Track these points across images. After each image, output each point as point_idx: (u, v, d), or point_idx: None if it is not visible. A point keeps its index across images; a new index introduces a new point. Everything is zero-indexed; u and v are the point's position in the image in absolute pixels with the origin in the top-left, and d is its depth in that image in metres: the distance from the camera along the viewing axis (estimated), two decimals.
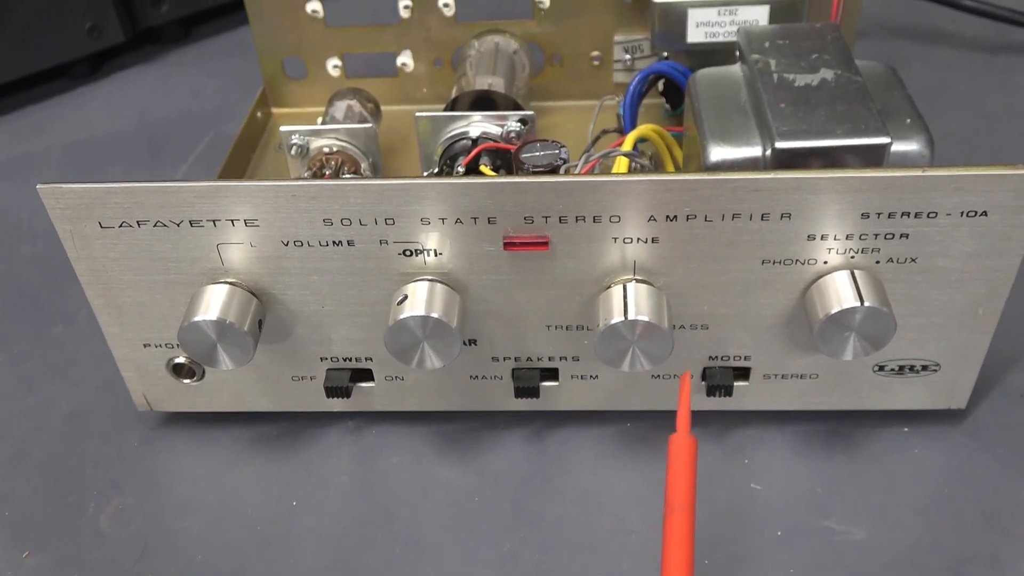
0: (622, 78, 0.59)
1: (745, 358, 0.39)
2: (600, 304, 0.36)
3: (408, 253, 0.36)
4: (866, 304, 0.34)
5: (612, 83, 0.59)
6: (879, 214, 0.34)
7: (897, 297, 0.36)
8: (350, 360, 0.40)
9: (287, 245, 0.36)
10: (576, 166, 0.40)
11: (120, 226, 0.36)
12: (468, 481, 0.40)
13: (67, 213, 0.36)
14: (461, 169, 0.46)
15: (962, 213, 0.34)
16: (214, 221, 0.36)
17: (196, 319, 0.36)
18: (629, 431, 0.42)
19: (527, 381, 0.40)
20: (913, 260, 0.35)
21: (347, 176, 0.48)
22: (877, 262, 0.35)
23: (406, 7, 0.57)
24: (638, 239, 0.35)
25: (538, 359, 0.40)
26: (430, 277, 0.37)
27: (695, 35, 0.50)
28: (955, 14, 0.64)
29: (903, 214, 0.34)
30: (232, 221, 0.36)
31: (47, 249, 0.55)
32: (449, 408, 0.42)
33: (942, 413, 0.41)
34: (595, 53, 0.58)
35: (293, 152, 0.49)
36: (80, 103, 0.68)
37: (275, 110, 0.61)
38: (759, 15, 0.49)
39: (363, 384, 0.41)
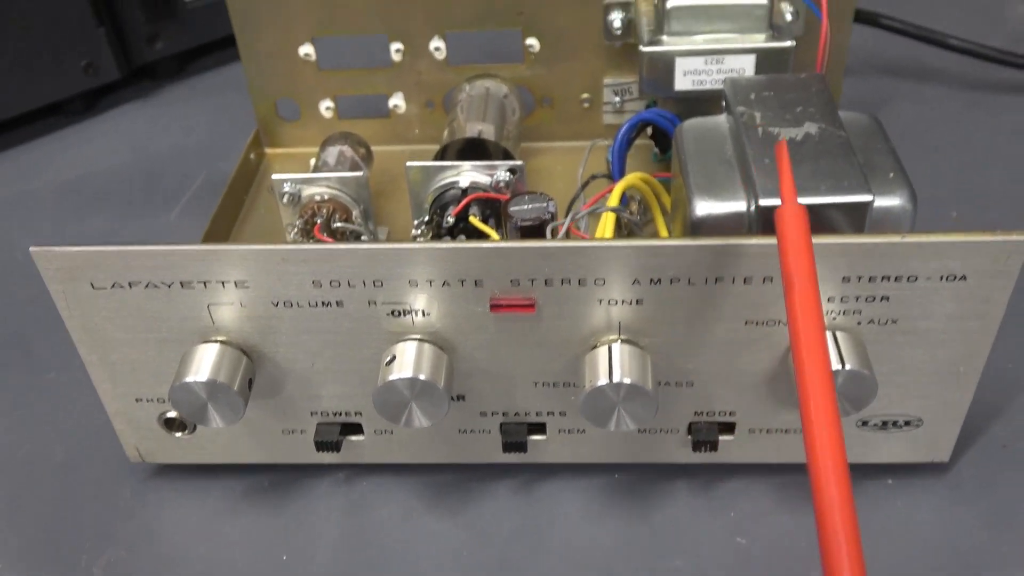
0: (612, 120, 0.59)
1: (730, 413, 0.39)
2: (586, 364, 0.36)
3: (396, 313, 0.37)
4: (847, 367, 0.35)
5: (602, 125, 0.59)
6: (860, 278, 0.35)
7: (879, 356, 0.37)
8: (340, 414, 0.41)
9: (277, 306, 0.37)
10: (564, 223, 0.41)
11: (112, 287, 0.37)
12: (457, 535, 0.41)
13: (59, 275, 0.37)
14: (451, 219, 0.46)
15: (942, 277, 0.34)
16: (204, 283, 0.36)
17: (187, 380, 0.36)
18: (617, 483, 0.42)
19: (515, 436, 0.40)
20: (894, 321, 0.36)
21: (338, 224, 0.49)
22: (859, 323, 0.36)
23: (398, 51, 0.57)
24: (623, 301, 0.36)
25: (526, 414, 0.40)
26: (418, 337, 0.37)
27: (683, 83, 0.50)
28: (941, 52, 0.65)
29: (883, 278, 0.35)
30: (222, 283, 0.36)
31: (42, 293, 0.55)
32: (438, 460, 0.42)
33: (925, 466, 0.41)
34: (585, 95, 0.59)
35: (285, 200, 0.49)
36: (75, 141, 0.69)
37: (268, 150, 0.62)
38: (746, 64, 0.50)
39: (353, 437, 0.42)
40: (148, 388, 0.40)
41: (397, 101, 0.59)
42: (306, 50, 0.57)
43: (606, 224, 0.42)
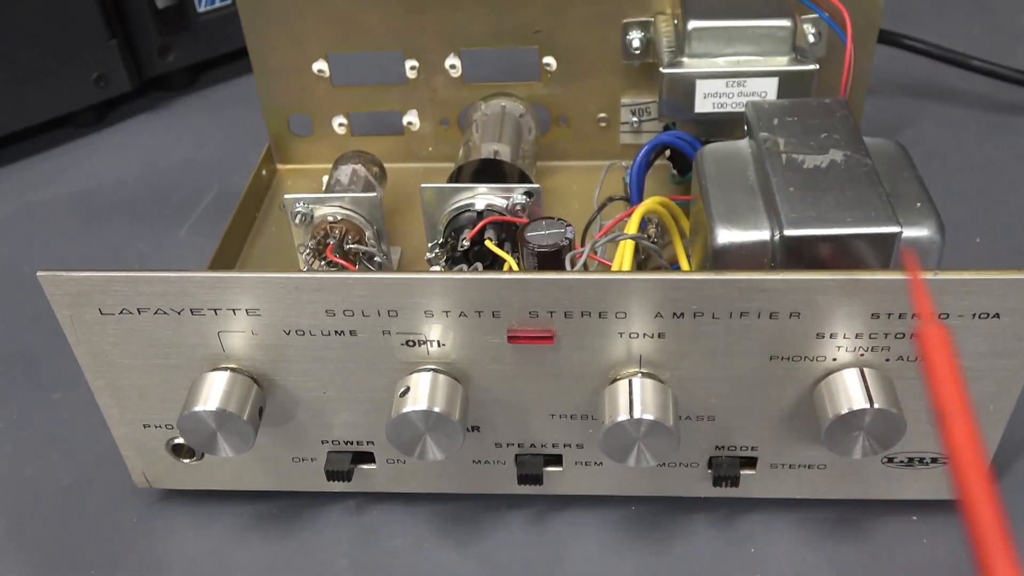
0: (629, 139, 0.58)
1: (752, 448, 0.38)
2: (606, 398, 0.35)
3: (411, 343, 0.36)
4: (876, 406, 0.34)
5: (619, 144, 0.59)
6: (889, 314, 0.34)
7: (907, 392, 0.36)
8: (352, 443, 0.40)
9: (289, 334, 0.36)
10: (583, 252, 0.40)
11: (120, 313, 0.36)
12: (468, 567, 0.40)
13: (67, 300, 0.36)
14: (466, 243, 0.46)
15: (974, 315, 0.33)
16: (215, 310, 0.35)
17: (196, 409, 0.36)
18: (634, 515, 0.41)
19: (530, 468, 0.39)
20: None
21: (351, 246, 0.48)
22: (887, 360, 0.35)
23: (413, 68, 0.56)
24: (644, 334, 0.35)
25: (542, 445, 0.39)
26: (433, 367, 0.36)
27: (703, 105, 0.49)
28: (964, 72, 0.64)
29: (914, 315, 0.33)
30: (233, 310, 0.35)
31: (50, 309, 0.54)
32: (451, 490, 0.41)
33: (952, 502, 0.40)
34: (602, 115, 0.58)
35: (297, 220, 0.48)
36: (86, 153, 0.68)
37: (280, 166, 0.61)
38: (767, 87, 0.49)
39: (365, 466, 0.41)
40: (156, 414, 0.39)
41: (411, 118, 0.58)
42: (320, 66, 0.57)
43: (624, 252, 0.41)
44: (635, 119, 0.58)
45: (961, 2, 0.78)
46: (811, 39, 0.53)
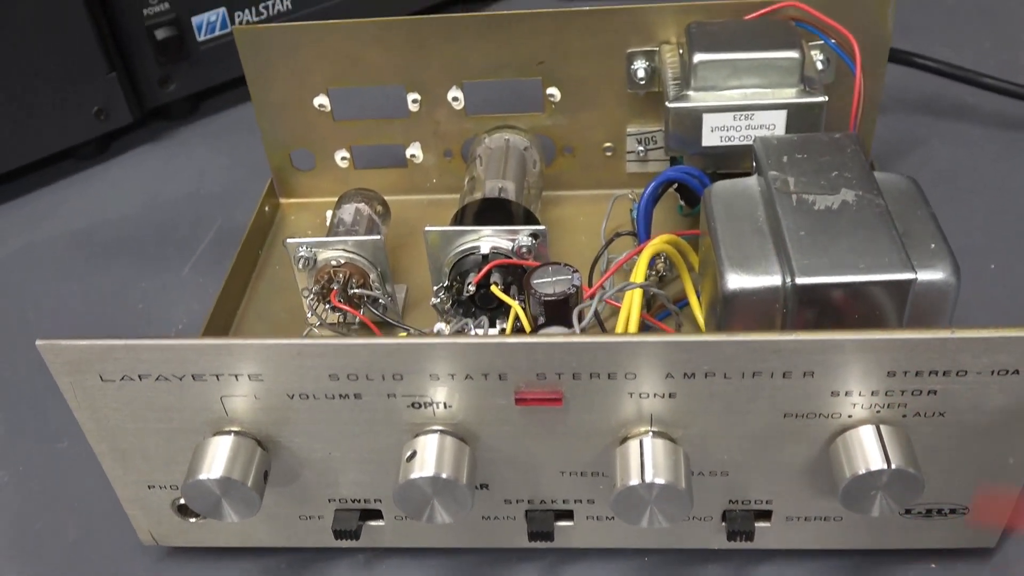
0: (635, 168, 0.58)
1: (767, 501, 0.38)
2: (617, 459, 0.35)
3: (417, 405, 0.35)
4: (893, 466, 0.33)
5: (625, 174, 0.58)
6: (906, 372, 0.33)
7: (925, 446, 0.35)
8: (359, 501, 0.39)
9: (292, 398, 0.35)
10: (591, 306, 0.39)
11: (121, 379, 0.35)
12: None
13: (67, 367, 0.35)
14: (472, 288, 0.45)
15: (993, 371, 0.32)
16: (217, 376, 0.35)
17: (199, 477, 0.35)
18: (648, 567, 0.40)
19: (541, 524, 0.39)
20: (941, 414, 0.34)
21: (355, 291, 0.47)
22: (904, 416, 0.34)
23: (415, 101, 0.56)
24: (654, 394, 0.34)
25: (552, 501, 0.38)
26: (439, 428, 0.36)
27: (710, 139, 0.48)
28: (977, 89, 0.63)
29: (931, 372, 0.33)
30: (235, 376, 0.35)
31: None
32: (460, 545, 0.41)
33: (971, 550, 0.39)
34: (607, 144, 0.57)
35: (300, 265, 0.48)
36: (87, 186, 0.68)
37: (283, 200, 0.61)
38: (776, 120, 0.48)
39: (373, 522, 0.40)
40: (161, 476, 0.39)
41: (414, 151, 0.58)
42: (321, 101, 0.56)
43: (632, 301, 0.41)
44: (641, 148, 0.57)
45: (971, 15, 0.77)
46: (819, 66, 0.52)
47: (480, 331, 0.38)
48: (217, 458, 0.35)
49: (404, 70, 0.55)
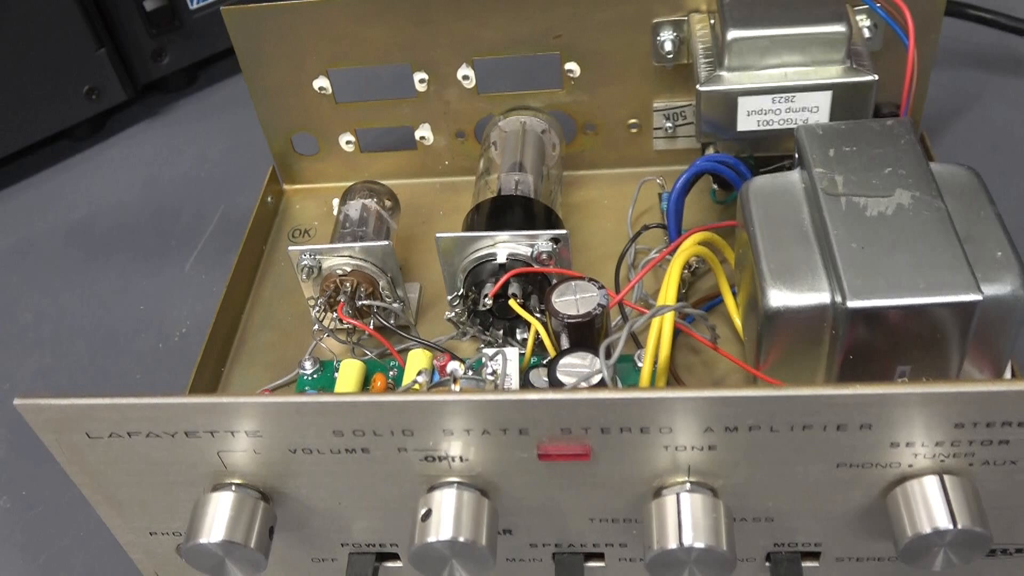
0: (663, 145, 0.53)
1: (815, 544, 0.35)
2: (652, 515, 0.32)
3: (431, 459, 0.32)
4: (960, 525, 0.30)
5: (652, 151, 0.53)
6: (975, 424, 0.29)
7: (992, 492, 0.31)
8: (373, 545, 0.36)
9: (295, 452, 0.32)
10: (619, 338, 0.35)
11: (110, 436, 0.32)
12: None
13: (50, 425, 0.33)
14: (488, 301, 0.41)
15: None
16: (212, 432, 0.32)
17: (200, 541, 0.32)
18: None
19: (570, 568, 0.36)
20: (1013, 462, 0.30)
21: (364, 302, 0.44)
22: (971, 464, 0.31)
23: (422, 81, 0.51)
24: (692, 447, 0.31)
25: (581, 545, 0.36)
26: (456, 480, 0.33)
27: (746, 123, 0.44)
28: None
29: (1004, 423, 0.29)
30: (232, 432, 0.32)
31: (54, 363, 0.51)
32: None
33: None
34: (632, 120, 0.52)
35: (304, 275, 0.44)
36: (83, 171, 0.64)
37: (287, 187, 0.57)
38: (820, 102, 0.43)
39: (390, 564, 0.37)
40: (161, 523, 0.36)
41: (424, 132, 0.54)
42: (321, 83, 0.52)
43: (663, 327, 0.37)
44: (669, 124, 0.52)
45: None
46: (866, 33, 0.47)
47: (495, 364, 0.35)
48: (217, 518, 0.33)
49: (409, 48, 0.50)
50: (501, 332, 0.44)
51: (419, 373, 0.35)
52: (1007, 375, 0.38)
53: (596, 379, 0.35)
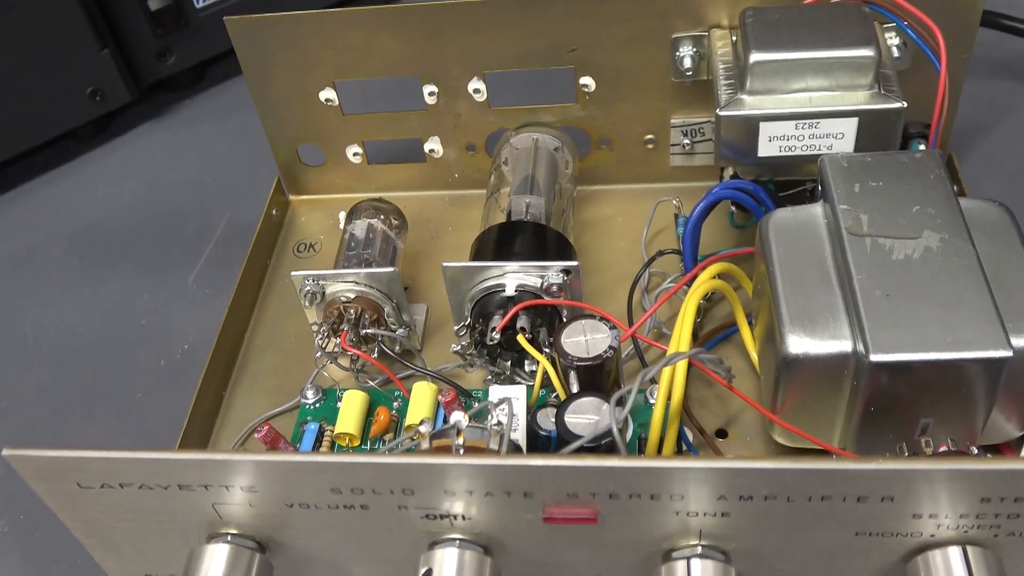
0: (680, 162, 0.52)
1: None
2: None
3: (432, 517, 0.31)
4: None
5: (669, 167, 0.52)
6: (1003, 498, 0.28)
7: (1018, 561, 0.30)
8: None
9: (292, 507, 0.31)
10: (630, 392, 0.33)
11: (101, 487, 0.31)
12: None
13: (40, 474, 0.31)
14: (496, 336, 0.40)
15: None
16: (206, 486, 0.31)
17: None
18: None
19: None
20: None
21: (368, 331, 0.42)
22: (996, 536, 0.29)
23: (432, 93, 0.50)
24: (704, 513, 0.29)
25: None
26: (459, 538, 0.31)
27: (768, 149, 0.42)
28: None
29: None
30: (226, 487, 0.31)
31: (54, 381, 0.50)
32: None
33: None
34: (649, 136, 0.51)
35: (307, 301, 0.43)
36: (86, 175, 0.63)
37: (293, 198, 0.56)
38: (845, 128, 0.41)
39: None
40: (158, 567, 0.35)
41: (434, 145, 0.52)
42: (327, 95, 0.50)
43: (676, 374, 0.35)
44: (687, 140, 0.50)
45: None
46: (895, 52, 0.45)
47: (500, 413, 0.34)
48: (212, 573, 0.32)
49: (419, 61, 0.49)
50: (509, 363, 0.42)
51: (421, 423, 0.34)
52: None
53: (605, 430, 0.33)
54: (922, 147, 0.43)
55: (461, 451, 0.32)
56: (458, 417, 0.32)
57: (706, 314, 0.46)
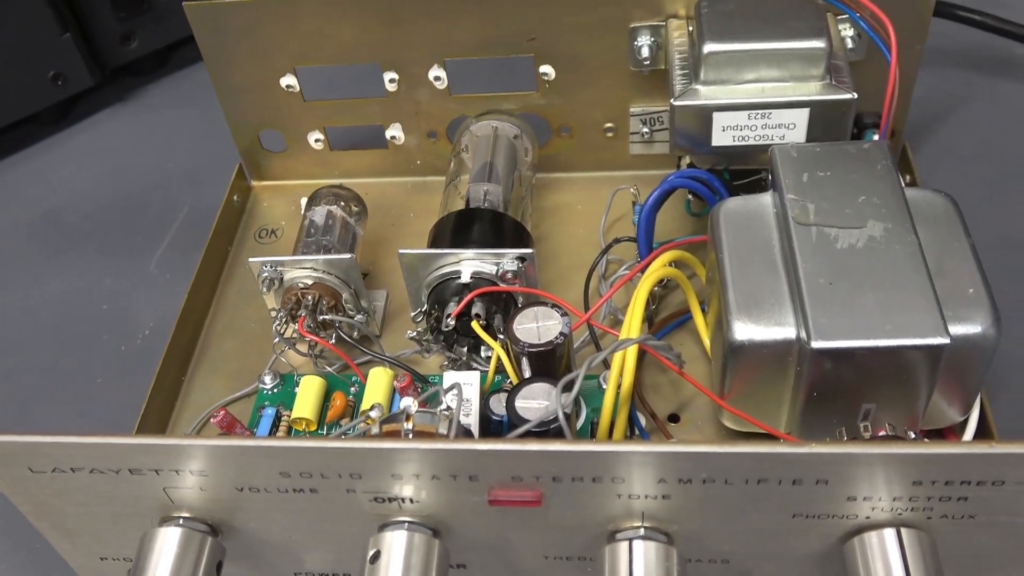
0: (640, 150, 0.52)
1: None
2: (605, 561, 0.31)
3: (380, 500, 0.31)
4: None
5: (628, 155, 0.52)
6: (934, 482, 0.28)
7: (951, 543, 0.31)
8: (327, 575, 0.36)
9: (242, 491, 0.32)
10: (577, 376, 0.34)
11: (53, 471, 0.32)
12: None
13: None
14: (451, 321, 0.40)
15: None
16: (156, 470, 0.31)
17: None
18: None
19: None
20: (971, 516, 0.30)
21: (325, 317, 0.43)
22: (929, 518, 0.30)
23: (392, 80, 0.50)
24: (646, 496, 0.30)
25: None
26: (407, 520, 0.32)
27: (721, 139, 0.43)
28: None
29: (963, 482, 0.28)
30: (176, 471, 0.31)
31: (15, 364, 0.50)
32: None
33: None
34: (608, 124, 0.51)
35: (265, 287, 0.43)
36: (48, 160, 0.63)
37: (255, 183, 0.56)
38: (796, 119, 0.42)
39: None
40: (112, 549, 0.36)
41: (395, 132, 0.52)
42: (288, 81, 0.50)
43: (627, 355, 0.36)
44: (646, 129, 0.51)
45: None
46: (849, 44, 0.46)
47: (450, 399, 0.34)
48: (163, 557, 0.32)
49: (379, 48, 0.49)
50: (465, 349, 0.43)
51: (372, 407, 0.34)
52: (976, 409, 0.38)
53: (552, 415, 0.34)
54: (876, 137, 0.44)
55: (410, 436, 0.32)
56: (408, 402, 0.33)
57: (662, 301, 0.46)
